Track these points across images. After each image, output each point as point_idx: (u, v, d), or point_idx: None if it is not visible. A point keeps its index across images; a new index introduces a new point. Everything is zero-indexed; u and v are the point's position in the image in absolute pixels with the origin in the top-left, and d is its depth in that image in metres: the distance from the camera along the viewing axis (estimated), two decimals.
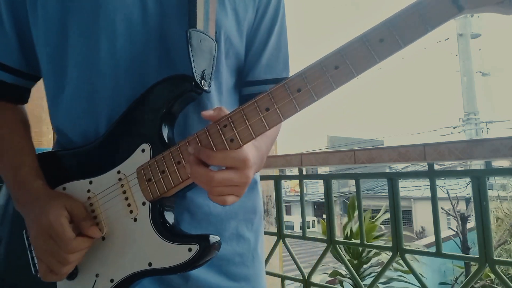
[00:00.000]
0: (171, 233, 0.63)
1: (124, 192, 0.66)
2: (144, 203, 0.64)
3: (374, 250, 3.62)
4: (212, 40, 0.69)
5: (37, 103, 1.50)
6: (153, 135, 0.64)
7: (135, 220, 0.65)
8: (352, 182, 2.43)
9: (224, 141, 0.58)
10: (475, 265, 1.32)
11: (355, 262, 3.64)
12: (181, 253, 0.61)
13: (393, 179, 1.43)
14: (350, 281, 3.53)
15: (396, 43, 0.52)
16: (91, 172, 0.68)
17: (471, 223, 6.71)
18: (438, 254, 1.33)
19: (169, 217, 0.66)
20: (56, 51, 0.72)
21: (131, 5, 0.69)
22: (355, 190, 1.60)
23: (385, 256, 3.63)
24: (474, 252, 5.59)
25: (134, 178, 0.65)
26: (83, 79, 0.71)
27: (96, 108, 0.71)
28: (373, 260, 3.78)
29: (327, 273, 3.89)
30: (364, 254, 3.71)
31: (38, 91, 1.50)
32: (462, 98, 14.70)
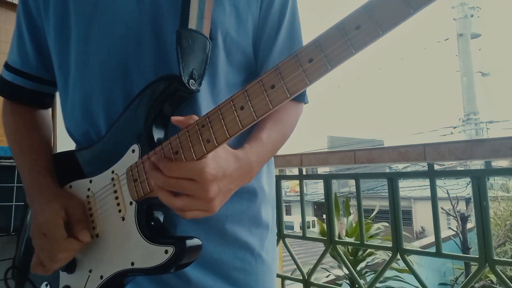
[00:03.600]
0: (153, 234, 0.64)
1: (115, 192, 0.68)
2: (131, 203, 0.66)
3: (369, 249, 3.62)
4: (206, 38, 0.68)
5: None
6: (143, 136, 0.66)
7: (123, 219, 0.67)
8: (352, 182, 2.44)
9: (201, 141, 0.57)
10: (475, 265, 1.32)
11: (351, 259, 3.64)
12: (158, 254, 0.62)
13: (393, 179, 1.43)
14: (348, 280, 3.53)
15: (374, 29, 0.47)
16: (92, 172, 0.72)
17: (471, 223, 6.70)
18: (438, 254, 1.33)
19: (156, 217, 0.67)
20: (62, 56, 0.76)
21: (127, 7, 0.70)
22: (355, 190, 1.60)
23: (381, 255, 3.64)
24: (474, 252, 5.60)
25: (124, 178, 0.67)
26: (80, 83, 0.74)
27: (92, 111, 0.73)
28: (369, 259, 3.78)
29: (330, 272, 3.89)
30: (360, 253, 3.71)
31: None
32: (462, 98, 14.70)
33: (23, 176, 0.78)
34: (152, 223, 0.66)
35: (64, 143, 0.91)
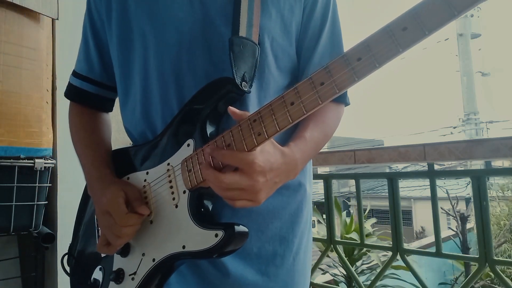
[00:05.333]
0: (203, 220, 0.70)
1: (170, 182, 0.74)
2: (184, 192, 0.72)
3: (365, 248, 3.62)
4: (255, 44, 0.74)
5: (38, 104, 1.50)
6: (198, 132, 0.72)
7: (176, 206, 0.73)
8: (352, 182, 2.44)
9: (253, 134, 0.62)
10: (475, 265, 1.32)
11: (346, 259, 3.64)
12: (209, 238, 0.67)
13: (393, 179, 1.43)
14: (344, 279, 3.53)
15: (421, 30, 0.51)
16: (149, 165, 0.79)
17: (471, 223, 6.70)
18: (438, 254, 1.33)
19: (206, 206, 0.73)
20: (124, 63, 0.84)
21: (182, 16, 0.77)
22: (355, 190, 1.60)
23: (376, 254, 3.64)
24: (474, 252, 5.60)
25: (178, 169, 0.73)
26: (141, 87, 0.81)
27: (151, 112, 0.80)
28: (365, 258, 3.79)
29: (329, 272, 3.89)
30: (355, 252, 3.71)
31: (39, 92, 1.50)
32: (462, 98, 14.70)
33: (85, 168, 0.86)
34: (203, 210, 0.72)
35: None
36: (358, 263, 3.74)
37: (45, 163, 1.48)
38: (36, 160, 1.46)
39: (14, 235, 1.55)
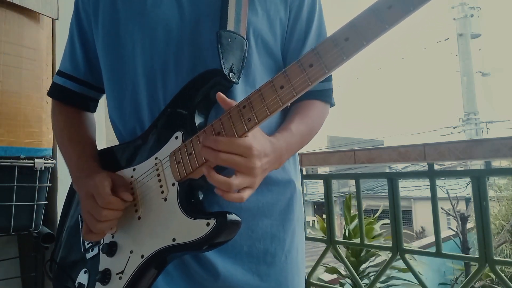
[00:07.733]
0: (194, 210, 0.68)
1: (158, 175, 0.73)
2: (173, 184, 0.70)
3: (373, 249, 3.61)
4: (243, 38, 0.75)
5: (38, 104, 1.50)
6: (186, 123, 0.72)
7: (165, 200, 0.71)
8: (352, 182, 2.44)
9: (243, 121, 0.62)
10: (475, 265, 1.32)
11: (353, 260, 3.63)
12: (200, 227, 0.65)
13: (393, 179, 1.43)
14: (350, 281, 3.52)
15: (406, 6, 0.52)
16: (135, 161, 0.78)
17: (471, 223, 6.70)
18: (438, 254, 1.33)
19: (196, 197, 0.71)
20: (111, 60, 0.84)
21: (170, 14, 0.78)
22: (355, 190, 1.60)
23: (383, 255, 3.63)
24: (474, 252, 5.59)
25: (167, 161, 0.72)
26: (128, 84, 0.81)
27: (139, 109, 0.80)
28: (372, 259, 3.77)
29: (329, 272, 3.88)
30: (363, 254, 3.70)
31: (39, 92, 1.50)
32: (462, 98, 14.71)
33: (72, 164, 0.85)
34: (193, 201, 0.70)
35: None
36: (365, 265, 3.73)
37: (45, 163, 1.48)
38: (36, 160, 1.46)
39: (14, 235, 1.54)
